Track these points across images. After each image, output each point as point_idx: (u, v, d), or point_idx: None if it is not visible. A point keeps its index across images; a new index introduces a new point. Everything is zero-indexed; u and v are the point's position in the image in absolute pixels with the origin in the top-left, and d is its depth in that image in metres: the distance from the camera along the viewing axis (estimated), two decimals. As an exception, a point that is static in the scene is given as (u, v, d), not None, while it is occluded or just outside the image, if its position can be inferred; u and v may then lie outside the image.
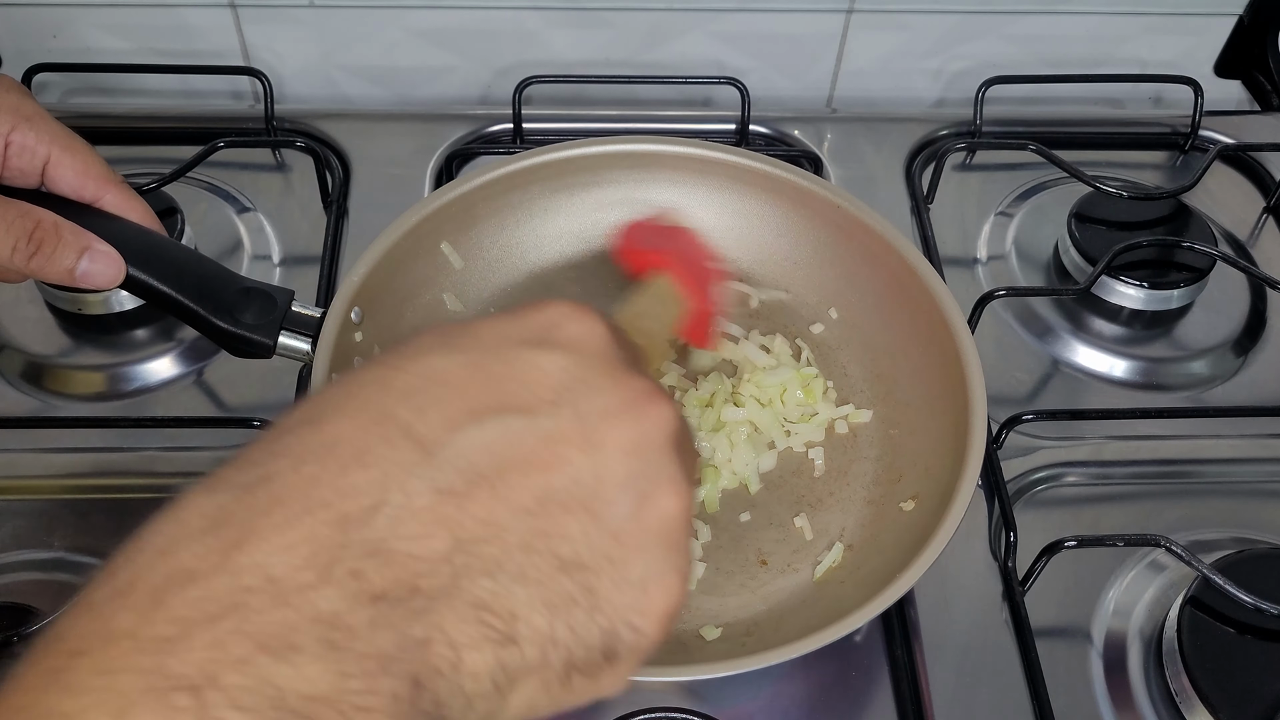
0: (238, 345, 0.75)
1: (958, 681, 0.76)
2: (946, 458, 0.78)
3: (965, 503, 0.72)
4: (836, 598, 0.76)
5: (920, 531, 0.73)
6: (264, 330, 0.75)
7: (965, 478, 0.73)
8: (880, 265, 0.87)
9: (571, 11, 1.12)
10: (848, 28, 1.14)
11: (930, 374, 0.83)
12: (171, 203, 0.98)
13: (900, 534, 0.77)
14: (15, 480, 0.86)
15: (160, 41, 1.13)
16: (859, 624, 0.67)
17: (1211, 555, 0.79)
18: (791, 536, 0.81)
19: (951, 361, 0.80)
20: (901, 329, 0.86)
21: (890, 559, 0.74)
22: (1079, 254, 0.99)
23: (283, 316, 0.76)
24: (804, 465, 0.85)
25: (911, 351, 0.85)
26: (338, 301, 0.79)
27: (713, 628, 0.76)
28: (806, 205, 0.89)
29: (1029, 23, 1.15)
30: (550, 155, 0.91)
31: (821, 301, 0.91)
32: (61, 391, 0.91)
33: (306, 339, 0.76)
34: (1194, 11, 1.16)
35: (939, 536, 0.71)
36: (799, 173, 0.90)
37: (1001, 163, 1.10)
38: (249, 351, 0.76)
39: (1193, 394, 0.95)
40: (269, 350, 0.76)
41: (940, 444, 0.80)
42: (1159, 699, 0.76)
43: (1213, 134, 1.13)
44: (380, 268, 0.82)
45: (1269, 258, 1.05)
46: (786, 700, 0.75)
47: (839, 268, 0.90)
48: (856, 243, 0.88)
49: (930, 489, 0.78)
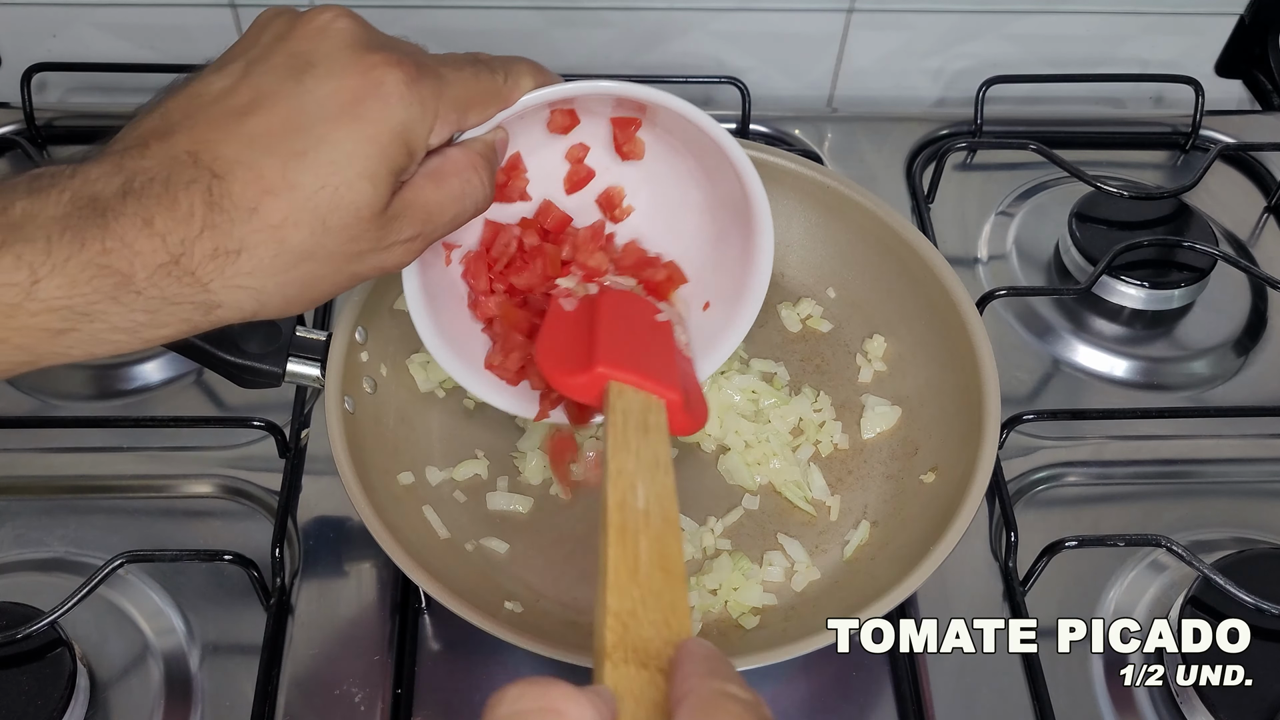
0: (245, 377, 0.74)
1: (958, 681, 0.76)
2: (962, 425, 0.78)
3: (990, 466, 0.73)
4: (870, 575, 0.76)
5: (944, 502, 0.74)
6: (271, 359, 0.74)
7: (986, 440, 0.74)
8: (875, 241, 0.88)
9: (571, 11, 1.12)
10: (848, 27, 1.14)
11: (935, 344, 0.84)
12: (171, 203, 0.98)
13: (924, 506, 0.78)
14: (15, 480, 0.86)
15: (160, 41, 1.13)
16: (899, 600, 0.68)
17: (1212, 555, 0.79)
18: (817, 519, 0.82)
19: (955, 328, 0.81)
20: (901, 302, 0.87)
21: (916, 532, 0.75)
22: (1080, 254, 0.99)
23: (289, 343, 0.75)
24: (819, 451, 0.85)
25: (914, 324, 0.86)
26: (343, 322, 0.78)
27: (751, 616, 0.76)
28: (797, 188, 0.90)
29: (1029, 22, 1.15)
30: None
31: (818, 282, 0.92)
32: (61, 391, 0.91)
33: (315, 364, 0.76)
34: (1195, 11, 1.16)
35: (969, 503, 0.72)
36: (788, 156, 0.91)
37: (1002, 162, 1.10)
38: (257, 382, 0.74)
39: (1193, 394, 0.95)
40: (278, 379, 0.75)
41: (953, 412, 0.80)
42: (1160, 699, 0.76)
43: (1214, 133, 1.13)
44: (379, 284, 0.81)
45: (1270, 257, 1.05)
46: (787, 701, 0.75)
47: (833, 247, 0.91)
48: (849, 222, 0.89)
49: (949, 459, 0.79)
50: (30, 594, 0.75)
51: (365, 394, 0.79)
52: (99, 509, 0.84)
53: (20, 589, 0.77)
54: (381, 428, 0.80)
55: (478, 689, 0.75)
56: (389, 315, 0.82)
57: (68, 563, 0.80)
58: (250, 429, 0.84)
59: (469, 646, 0.77)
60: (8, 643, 0.71)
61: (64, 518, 0.83)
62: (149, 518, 0.84)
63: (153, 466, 0.86)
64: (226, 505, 0.85)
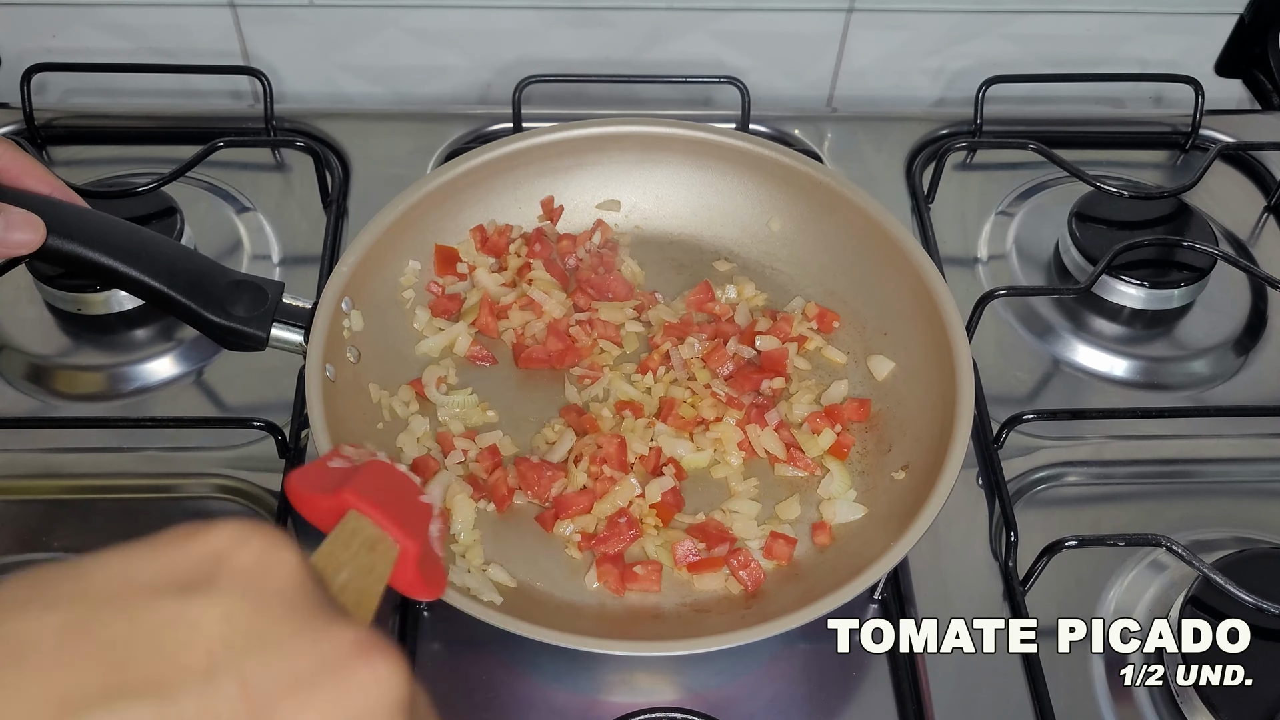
0: (230, 338, 0.75)
1: (958, 681, 0.76)
2: (935, 424, 0.79)
3: (958, 463, 0.74)
4: (832, 569, 0.77)
5: (914, 498, 0.75)
6: (256, 323, 0.75)
7: (957, 437, 0.75)
8: (864, 239, 0.88)
9: (571, 11, 1.12)
10: (848, 27, 1.14)
11: (915, 343, 0.85)
12: (171, 203, 0.98)
13: (894, 503, 0.78)
14: (15, 480, 0.86)
15: (160, 41, 1.13)
16: (856, 593, 0.69)
17: (1212, 555, 0.79)
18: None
19: (937, 327, 0.82)
20: (886, 299, 0.88)
21: (886, 528, 0.76)
22: (1080, 253, 0.99)
23: (274, 308, 0.76)
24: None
25: (898, 322, 0.87)
26: (328, 292, 0.79)
27: (701, 587, 0.77)
28: (790, 183, 0.91)
29: (1029, 22, 1.15)
30: (536, 139, 0.92)
31: (807, 275, 0.93)
32: (61, 391, 0.91)
33: (299, 330, 0.77)
34: (1195, 11, 1.16)
35: (934, 500, 0.72)
36: (783, 150, 0.92)
37: (1002, 162, 1.10)
38: (242, 344, 0.76)
39: (1193, 393, 0.95)
40: (262, 342, 0.76)
41: (928, 411, 0.81)
42: (1160, 699, 0.76)
43: (1213, 133, 1.13)
44: (369, 257, 0.83)
45: (1270, 257, 1.05)
46: (787, 700, 0.75)
47: (824, 243, 0.91)
48: (841, 218, 0.90)
49: (921, 457, 0.79)
50: (30, 594, 0.75)
51: (348, 363, 0.80)
52: (99, 509, 0.84)
53: (20, 589, 0.77)
54: (362, 397, 0.81)
55: (478, 689, 0.75)
56: (378, 287, 0.84)
57: (68, 563, 0.80)
58: (250, 429, 0.84)
59: (469, 646, 0.77)
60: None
61: (64, 518, 0.83)
62: (149, 518, 0.84)
63: (153, 466, 0.86)
64: (226, 505, 0.85)
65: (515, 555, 0.78)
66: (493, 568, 0.77)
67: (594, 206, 0.96)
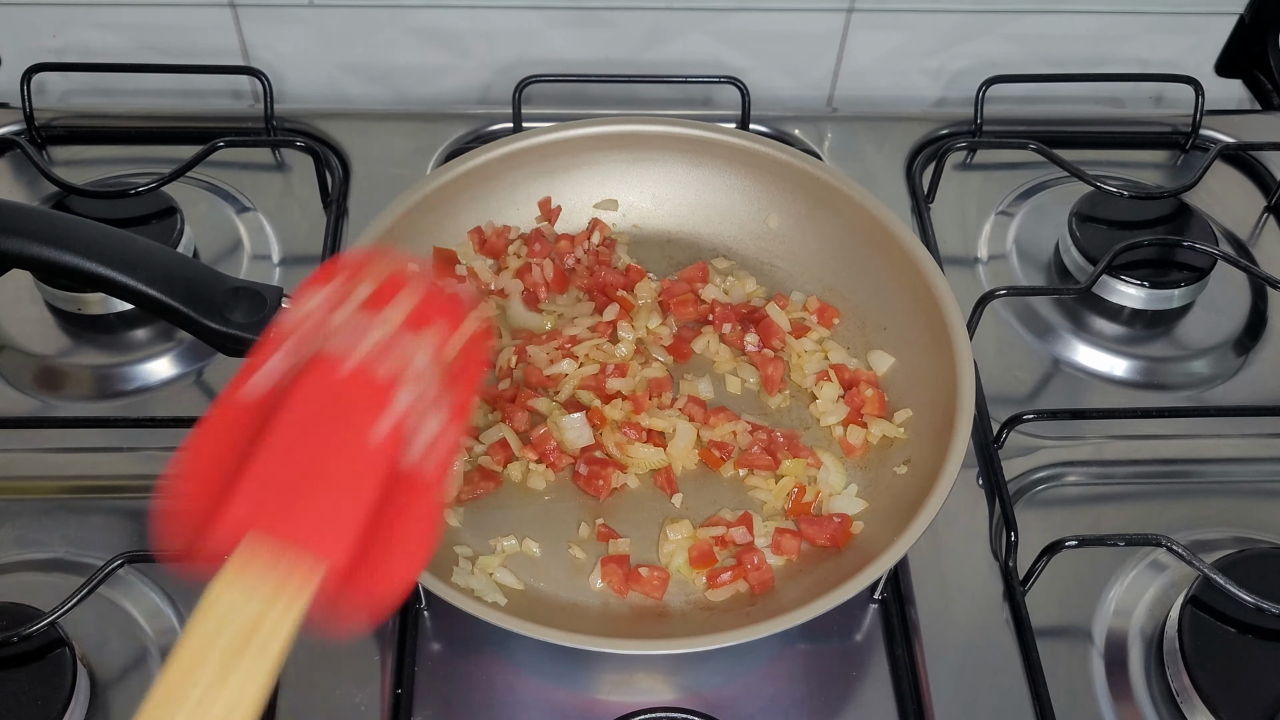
0: (230, 345, 0.74)
1: (958, 681, 0.76)
2: (937, 418, 0.79)
3: (960, 456, 0.74)
4: (836, 563, 0.77)
5: (916, 493, 0.75)
6: (254, 329, 0.74)
7: (958, 432, 0.75)
8: (862, 234, 0.89)
9: (571, 11, 1.12)
10: (848, 27, 1.14)
11: (915, 336, 0.85)
12: (171, 203, 0.98)
13: (896, 498, 0.79)
14: (15, 480, 0.86)
15: (160, 41, 1.13)
16: (861, 587, 0.69)
17: (1212, 555, 0.79)
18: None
19: (936, 320, 0.82)
20: (885, 292, 0.88)
21: (888, 523, 0.76)
22: (1080, 253, 0.99)
23: (273, 314, 0.76)
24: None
25: (897, 316, 0.87)
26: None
27: (714, 598, 0.77)
28: (787, 179, 0.91)
29: (1029, 22, 1.15)
30: (531, 140, 0.92)
31: (805, 272, 0.93)
32: (61, 391, 0.91)
33: None
34: (1195, 11, 1.16)
35: (935, 495, 0.73)
36: (779, 146, 0.92)
37: (1002, 162, 1.10)
38: (241, 350, 0.75)
39: (1193, 393, 0.95)
40: None
41: (930, 405, 0.81)
42: (1160, 699, 0.76)
43: (1213, 133, 1.13)
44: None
45: (1270, 257, 1.05)
46: (787, 700, 0.75)
47: (822, 239, 0.92)
48: (838, 213, 0.90)
49: (923, 452, 0.79)
50: (30, 594, 0.75)
51: None
52: (99, 509, 0.84)
53: (20, 589, 0.77)
54: None
55: (478, 689, 0.75)
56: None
57: (68, 563, 0.80)
58: (250, 429, 0.84)
59: (469, 646, 0.77)
60: (8, 643, 0.71)
61: (64, 518, 0.83)
62: (149, 518, 0.84)
63: (153, 466, 0.86)
64: (226, 505, 0.84)
65: (520, 557, 0.79)
66: (499, 570, 0.77)
67: (591, 206, 0.96)
